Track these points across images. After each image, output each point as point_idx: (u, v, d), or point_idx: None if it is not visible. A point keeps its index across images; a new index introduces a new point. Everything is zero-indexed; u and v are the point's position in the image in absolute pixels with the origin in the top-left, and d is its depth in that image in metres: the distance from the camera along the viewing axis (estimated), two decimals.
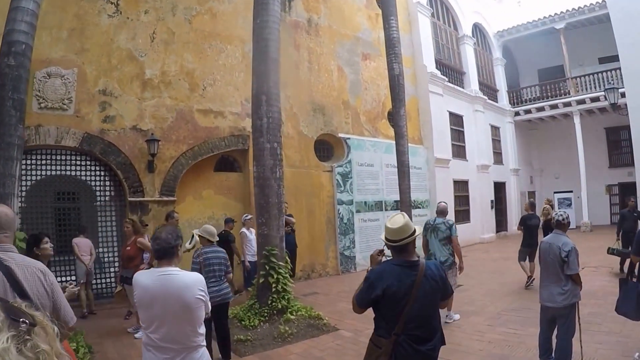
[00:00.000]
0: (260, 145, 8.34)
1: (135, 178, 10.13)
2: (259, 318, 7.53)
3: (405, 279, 2.97)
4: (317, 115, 13.41)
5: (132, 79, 10.37)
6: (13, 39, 6.22)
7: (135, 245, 7.72)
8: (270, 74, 8.46)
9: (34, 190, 9.79)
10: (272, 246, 8.09)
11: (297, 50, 13.29)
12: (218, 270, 5.90)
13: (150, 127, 10.37)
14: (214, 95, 11.36)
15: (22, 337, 0.97)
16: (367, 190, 14.61)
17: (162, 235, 3.02)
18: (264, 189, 8.31)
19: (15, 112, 6.19)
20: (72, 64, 9.69)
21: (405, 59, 16.10)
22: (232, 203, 11.53)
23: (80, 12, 9.91)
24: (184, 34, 11.16)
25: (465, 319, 7.83)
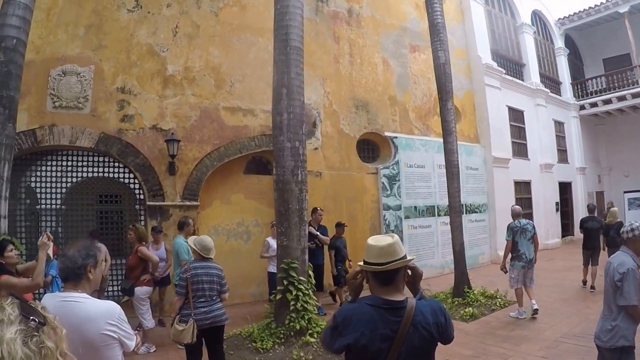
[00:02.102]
0: (280, 144, 7.19)
1: (155, 181, 9.02)
2: (273, 339, 6.41)
3: (383, 328, 2.04)
4: (359, 112, 11.69)
5: (153, 76, 9.31)
6: (3, 34, 5.85)
7: (136, 255, 6.75)
8: (291, 64, 7.30)
9: (73, 192, 9.46)
10: (292, 259, 6.90)
11: (336, 42, 11.65)
12: (209, 289, 4.85)
13: (172, 126, 9.21)
14: (242, 92, 10.01)
15: (30, 332, 1.06)
16: (417, 194, 12.67)
17: (69, 252, 2.49)
18: (283, 194, 7.11)
19: (3, 110, 5.77)
20: (89, 61, 8.90)
21: (458, 51, 14.22)
22: (265, 209, 10.01)
23: (98, 8, 9.11)
24: (209, 27, 9.97)
25: (514, 347, 6.38)
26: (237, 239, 9.86)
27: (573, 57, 22.65)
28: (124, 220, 9.75)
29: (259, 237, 9.69)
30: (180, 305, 4.83)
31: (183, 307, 4.81)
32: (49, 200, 8.96)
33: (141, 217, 9.29)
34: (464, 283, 9.25)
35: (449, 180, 10.14)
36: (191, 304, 4.74)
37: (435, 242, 12.91)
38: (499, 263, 14.21)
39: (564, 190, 19.75)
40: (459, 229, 9.67)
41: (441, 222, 12.98)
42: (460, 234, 9.65)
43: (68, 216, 9.31)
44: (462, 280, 9.29)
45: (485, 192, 14.98)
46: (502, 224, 14.55)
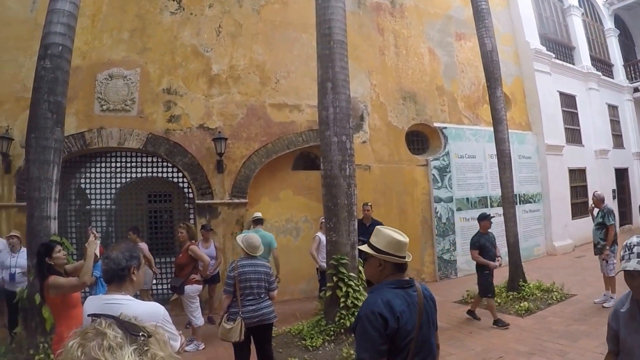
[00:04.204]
0: (327, 139, 6.85)
1: (204, 179, 8.70)
2: (323, 337, 6.11)
3: (411, 303, 2.25)
4: (407, 103, 10.85)
5: (198, 76, 8.99)
6: (49, 42, 5.88)
7: (186, 253, 6.42)
8: (335, 58, 6.91)
9: (123, 192, 9.41)
10: (341, 254, 6.53)
11: (381, 34, 10.87)
12: (257, 287, 4.64)
13: (219, 125, 8.86)
14: (288, 88, 9.48)
15: (142, 349, 0.97)
16: (468, 185, 11.68)
17: (113, 254, 2.37)
18: (331, 189, 6.74)
19: (51, 115, 5.78)
20: (134, 64, 8.76)
21: (504, 37, 13.11)
22: (314, 204, 9.39)
23: (141, 12, 8.98)
24: (252, 25, 9.55)
25: (572, 343, 5.85)
26: (287, 235, 9.37)
27: (624, 37, 20.64)
28: (174, 219, 9.54)
29: (309, 233, 9.17)
30: (228, 303, 4.62)
31: (231, 305, 4.60)
32: (100, 201, 8.91)
33: (191, 216, 9.02)
34: (519, 276, 8.61)
35: (501, 170, 9.35)
36: (239, 302, 4.54)
37: None
38: (555, 254, 13.41)
39: (621, 177, 18.02)
40: (513, 220, 9.05)
41: (494, 213, 11.95)
42: (514, 225, 9.04)
43: (118, 216, 9.23)
44: (517, 273, 8.66)
45: (538, 181, 13.75)
46: (557, 214, 13.47)
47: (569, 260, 12.15)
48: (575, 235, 13.97)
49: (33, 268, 5.24)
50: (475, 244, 7.09)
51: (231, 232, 8.70)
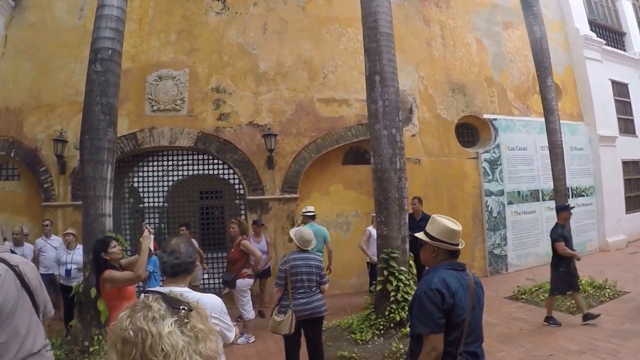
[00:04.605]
0: (377, 132, 6.72)
1: (254, 175, 8.73)
2: (372, 331, 6.03)
3: (464, 284, 2.40)
4: (456, 95, 10.50)
5: (246, 74, 9.02)
6: (99, 46, 6.03)
7: (238, 248, 6.49)
8: (382, 51, 6.76)
9: (175, 190, 9.56)
10: (392, 248, 6.40)
11: (427, 25, 10.56)
12: (307, 280, 4.62)
13: (268, 121, 8.84)
14: (336, 82, 9.34)
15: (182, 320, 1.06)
16: (520, 178, 11.20)
17: (182, 247, 2.33)
18: (382, 183, 6.63)
19: (104, 117, 5.92)
20: (182, 64, 8.90)
21: (553, 24, 12.55)
22: (364, 198, 9.22)
23: (187, 14, 9.12)
24: (297, 21, 9.49)
25: (624, 342, 5.57)
26: (337, 229, 9.24)
27: None
28: (224, 215, 9.59)
29: (359, 228, 9.01)
30: (279, 296, 4.64)
31: (282, 298, 4.62)
32: (152, 199, 9.04)
33: (242, 211, 9.07)
34: None
35: (553, 162, 8.96)
36: (290, 295, 4.54)
37: (540, 229, 11.37)
38: (608, 250, 12.77)
39: None
40: None
41: (546, 207, 11.41)
42: None
43: (171, 213, 9.33)
44: None
45: (591, 174, 13.09)
46: (610, 208, 12.82)
47: (622, 256, 11.60)
48: (629, 230, 13.26)
49: (89, 263, 5.39)
50: (560, 236, 6.55)
51: (282, 227, 8.70)
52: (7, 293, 2.46)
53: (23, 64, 9.30)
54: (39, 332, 2.65)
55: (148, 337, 1.01)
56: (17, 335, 2.48)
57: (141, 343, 1.01)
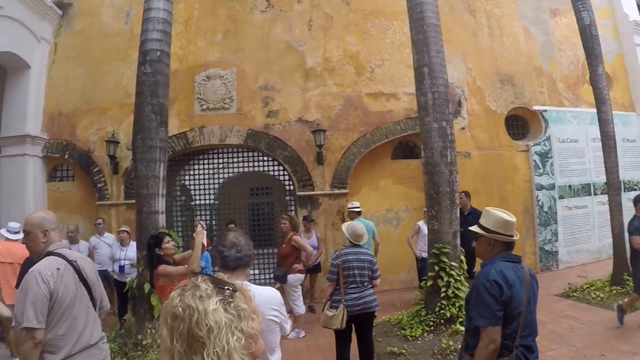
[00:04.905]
0: (427, 125, 6.57)
1: (304, 171, 8.71)
2: (422, 327, 5.94)
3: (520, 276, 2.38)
4: (505, 87, 10.17)
5: (293, 71, 9.02)
6: (147, 48, 6.16)
7: (289, 243, 6.54)
8: (429, 43, 6.61)
9: (225, 188, 9.63)
10: (443, 243, 6.25)
11: (473, 16, 10.28)
12: (359, 275, 4.58)
13: (317, 117, 8.80)
14: (383, 76, 9.20)
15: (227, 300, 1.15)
16: (571, 172, 10.74)
17: (242, 241, 2.32)
18: (433, 177, 6.48)
19: (155, 116, 6.04)
20: (230, 64, 8.99)
21: (601, 10, 12.05)
22: (414, 193, 9.09)
23: (231, 13, 9.23)
24: (342, 16, 9.40)
25: None
26: (387, 224, 9.10)
27: None
28: (274, 212, 9.62)
29: (409, 223, 8.87)
30: (331, 291, 4.61)
31: (334, 293, 4.59)
32: (203, 196, 9.19)
33: (291, 207, 9.07)
34: (624, 270, 7.76)
35: (605, 154, 8.59)
36: (342, 289, 4.52)
37: (591, 224, 10.90)
38: None
39: None
40: (618, 209, 8.33)
41: (597, 201, 10.93)
42: (619, 214, 8.30)
43: (221, 210, 9.41)
44: (622, 266, 7.83)
45: None
46: None
47: None
48: None
49: (143, 259, 5.49)
50: (636, 229, 5.92)
51: (332, 223, 8.67)
52: (66, 287, 2.56)
53: (74, 70, 9.54)
54: (96, 325, 2.76)
55: (195, 314, 1.10)
56: (75, 327, 2.58)
57: (188, 318, 1.10)
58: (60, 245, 2.75)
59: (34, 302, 2.40)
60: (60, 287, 2.52)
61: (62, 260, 2.62)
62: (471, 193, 8.18)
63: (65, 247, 2.81)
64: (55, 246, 2.71)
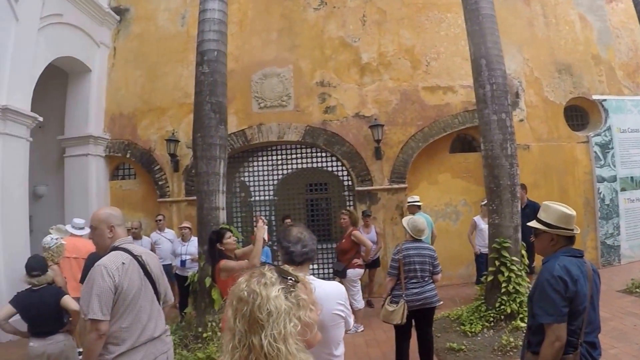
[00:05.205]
0: (486, 117, 6.44)
1: (363, 166, 8.71)
2: (482, 323, 5.82)
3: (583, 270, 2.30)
4: (563, 76, 9.86)
5: (349, 66, 9.03)
6: (204, 49, 6.28)
7: (349, 238, 6.52)
8: (486, 34, 6.51)
9: (283, 184, 9.76)
10: (504, 238, 6.09)
11: (527, 5, 10.00)
12: (420, 270, 4.53)
13: (374, 112, 8.78)
14: (439, 69, 9.09)
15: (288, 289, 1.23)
16: (633, 163, 10.26)
17: (307, 236, 2.35)
18: (493, 170, 6.35)
19: (214, 115, 6.15)
20: (286, 61, 9.10)
21: None
22: (473, 187, 8.95)
23: (285, 12, 9.34)
24: (396, 10, 9.32)
25: None
26: (446, 219, 9.00)
27: None
28: (331, 207, 9.65)
29: (468, 217, 8.71)
30: (392, 286, 4.59)
31: (395, 288, 4.57)
32: (261, 192, 9.29)
33: (350, 203, 9.08)
34: None
35: None
36: (403, 284, 4.48)
37: None
38: None
39: None
40: None
41: None
42: None
43: (279, 206, 9.52)
44: None
45: None
46: None
47: None
48: None
49: (204, 254, 5.57)
50: None
51: (391, 218, 8.63)
52: (131, 281, 2.61)
53: (132, 72, 9.83)
54: (160, 318, 2.81)
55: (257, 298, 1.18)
56: (139, 320, 2.63)
57: (252, 302, 1.19)
58: (125, 240, 2.82)
59: (99, 295, 2.46)
60: (125, 281, 2.57)
61: (127, 255, 2.68)
62: (531, 186, 8.01)
63: (130, 242, 2.88)
64: (121, 241, 2.78)
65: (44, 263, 3.91)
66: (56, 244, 5.15)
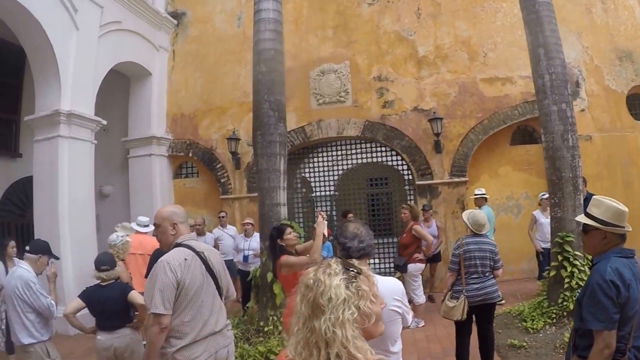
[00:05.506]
0: (546, 108, 6.27)
1: (422, 160, 8.69)
2: (544, 320, 5.65)
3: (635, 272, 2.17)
4: (624, 64, 9.48)
5: (406, 60, 9.02)
6: (261, 48, 6.34)
7: (410, 233, 6.47)
8: (543, 22, 6.31)
9: (344, 179, 9.85)
10: (566, 232, 5.89)
11: None
12: (481, 265, 4.43)
13: (433, 105, 8.74)
14: (497, 60, 8.93)
15: (350, 279, 1.30)
16: None
17: (363, 231, 2.36)
18: (554, 162, 6.17)
19: (273, 113, 6.19)
20: (342, 57, 9.18)
21: None
22: (534, 179, 8.74)
23: (340, 9, 9.40)
24: (450, 2, 9.25)
25: None
26: (507, 213, 8.84)
27: None
28: (392, 201, 9.60)
29: (529, 210, 8.45)
30: (452, 281, 4.54)
31: (455, 283, 4.51)
32: (322, 188, 9.39)
33: (410, 197, 9.06)
34: None
35: None
36: (463, 280, 4.42)
37: None
38: None
39: None
40: None
41: None
42: None
43: (341, 201, 9.58)
44: None
45: None
46: None
47: None
48: None
49: (266, 249, 5.60)
50: None
51: (452, 212, 8.57)
52: (193, 276, 2.67)
53: (192, 74, 10.14)
54: (221, 313, 2.86)
55: (321, 285, 1.27)
56: (200, 314, 2.68)
57: (316, 289, 1.27)
58: (188, 237, 2.88)
59: (161, 290, 2.53)
60: (187, 276, 2.63)
61: (189, 252, 2.74)
62: (594, 178, 7.85)
63: (193, 239, 2.94)
64: (184, 238, 2.83)
65: (112, 259, 4.03)
66: (122, 241, 5.32)
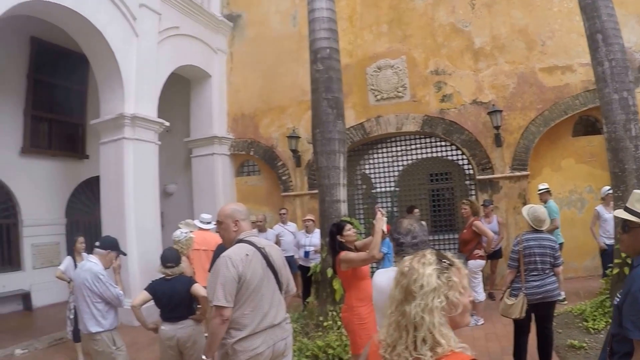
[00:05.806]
0: (606, 97, 6.01)
1: (483, 154, 8.60)
2: (606, 320, 5.35)
3: None
4: None
5: (462, 52, 8.92)
6: (317, 47, 6.42)
7: (470, 229, 6.39)
8: (599, 6, 6.03)
9: (405, 174, 9.83)
10: None
11: None
12: (541, 262, 4.29)
13: (491, 98, 8.63)
14: (555, 48, 8.63)
15: (442, 270, 1.36)
16: None
17: (417, 227, 2.41)
18: (617, 153, 5.91)
19: (331, 110, 6.28)
20: (398, 52, 9.20)
21: None
22: (598, 172, 8.40)
23: (393, 3, 9.42)
24: None
25: None
26: (570, 207, 8.59)
27: None
28: (454, 197, 9.51)
29: (593, 205, 8.16)
30: (511, 278, 4.40)
31: (514, 280, 4.38)
32: (383, 184, 9.48)
33: (471, 192, 9.00)
34: None
35: None
36: (522, 277, 4.29)
37: None
38: None
39: None
40: None
41: None
42: None
43: (402, 197, 9.59)
44: None
45: None
46: None
47: None
48: None
49: (326, 245, 5.76)
50: None
51: (513, 207, 8.39)
52: (254, 271, 2.77)
53: (250, 74, 10.46)
54: (280, 307, 2.96)
55: (414, 273, 1.35)
56: (260, 308, 2.79)
57: (409, 276, 1.36)
58: (249, 233, 2.99)
59: (223, 284, 2.65)
60: (248, 271, 2.73)
61: (251, 247, 2.84)
62: None
63: (254, 235, 3.05)
64: (245, 234, 2.94)
65: (177, 256, 4.22)
66: (185, 237, 5.60)
